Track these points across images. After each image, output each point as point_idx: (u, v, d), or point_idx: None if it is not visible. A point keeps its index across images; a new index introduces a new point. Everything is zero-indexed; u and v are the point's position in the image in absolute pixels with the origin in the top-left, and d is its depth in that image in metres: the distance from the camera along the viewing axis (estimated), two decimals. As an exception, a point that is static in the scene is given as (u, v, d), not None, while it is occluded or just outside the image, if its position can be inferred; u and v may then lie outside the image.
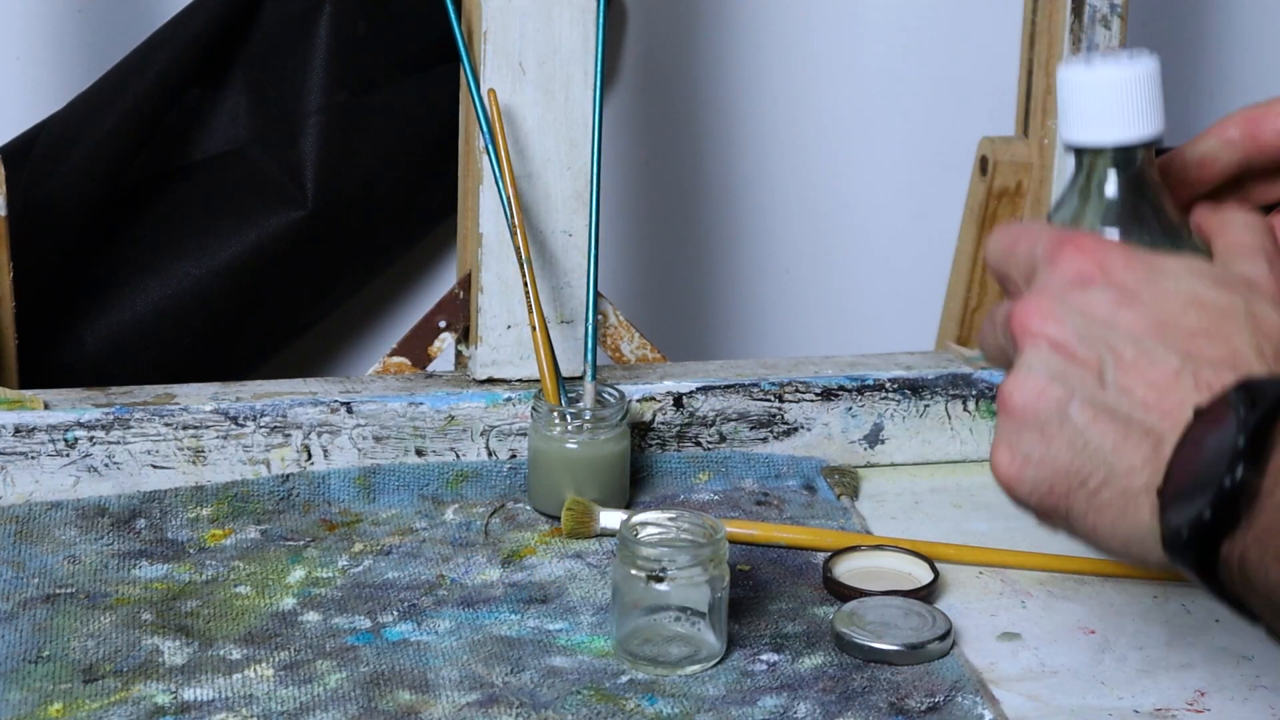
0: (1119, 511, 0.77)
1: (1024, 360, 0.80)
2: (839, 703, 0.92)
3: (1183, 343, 0.78)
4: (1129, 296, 0.79)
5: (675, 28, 1.47)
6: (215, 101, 1.35)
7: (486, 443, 1.15)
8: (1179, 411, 0.76)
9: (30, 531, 1.06)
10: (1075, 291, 0.80)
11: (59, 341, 1.29)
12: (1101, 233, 0.86)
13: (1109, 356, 0.78)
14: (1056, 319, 0.80)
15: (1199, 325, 0.78)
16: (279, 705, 0.90)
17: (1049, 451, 0.79)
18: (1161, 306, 0.79)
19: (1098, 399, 0.78)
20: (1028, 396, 0.80)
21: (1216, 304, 0.79)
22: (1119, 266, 0.80)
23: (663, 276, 1.52)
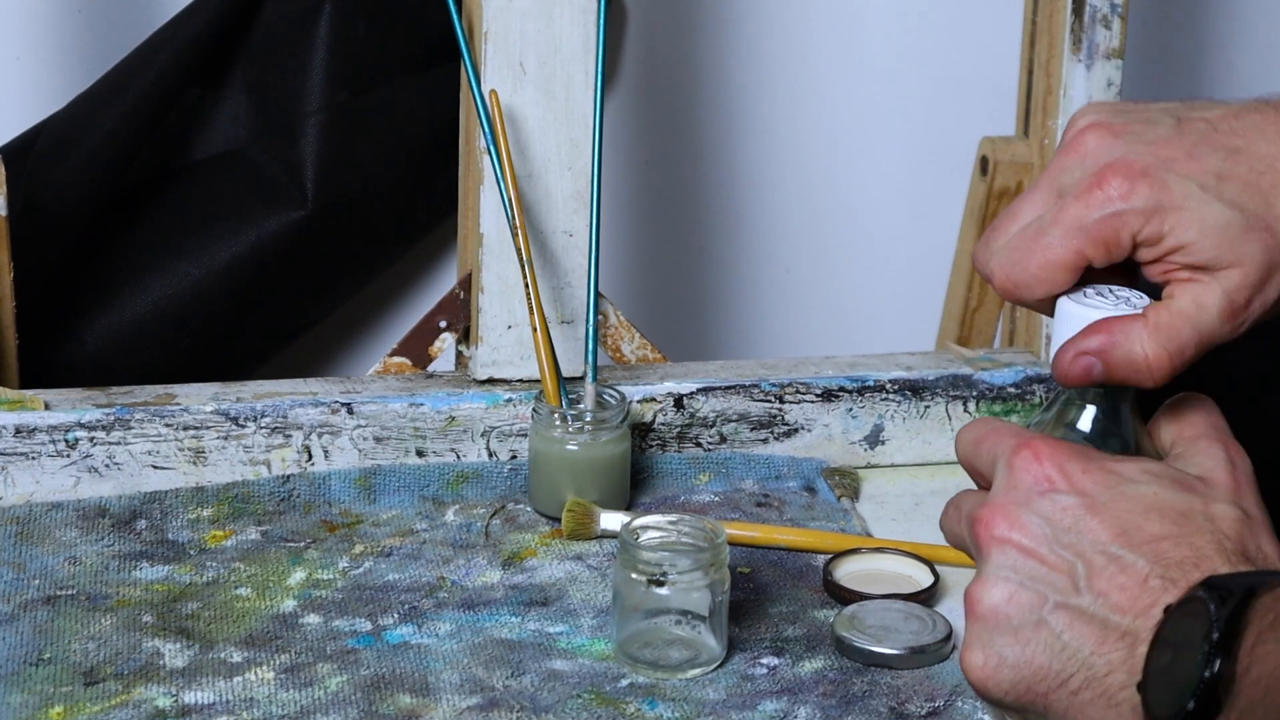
0: (1100, 710, 0.79)
1: (991, 565, 0.82)
2: (839, 707, 0.92)
3: (1149, 547, 0.80)
4: (1091, 504, 0.81)
5: (675, 28, 1.47)
6: (215, 101, 1.35)
7: (487, 443, 1.15)
8: (1152, 611, 0.78)
9: (31, 532, 1.06)
10: (1038, 498, 0.82)
11: (59, 341, 1.29)
12: None
13: (1079, 563, 0.80)
14: (1022, 525, 0.82)
15: (1162, 530, 0.80)
16: (279, 708, 0.90)
17: (1025, 654, 0.81)
18: (1124, 513, 0.81)
19: (1073, 603, 0.80)
20: (998, 601, 0.81)
21: (1175, 507, 0.81)
22: (1077, 472, 0.82)
23: (663, 276, 1.52)
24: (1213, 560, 0.79)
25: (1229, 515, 0.82)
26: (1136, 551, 0.80)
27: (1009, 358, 1.23)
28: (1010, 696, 0.81)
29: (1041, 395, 1.20)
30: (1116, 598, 0.79)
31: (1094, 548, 0.80)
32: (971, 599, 0.82)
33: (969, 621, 0.82)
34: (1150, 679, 0.77)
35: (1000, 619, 0.81)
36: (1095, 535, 0.81)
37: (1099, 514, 0.81)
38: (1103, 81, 1.21)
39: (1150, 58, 1.54)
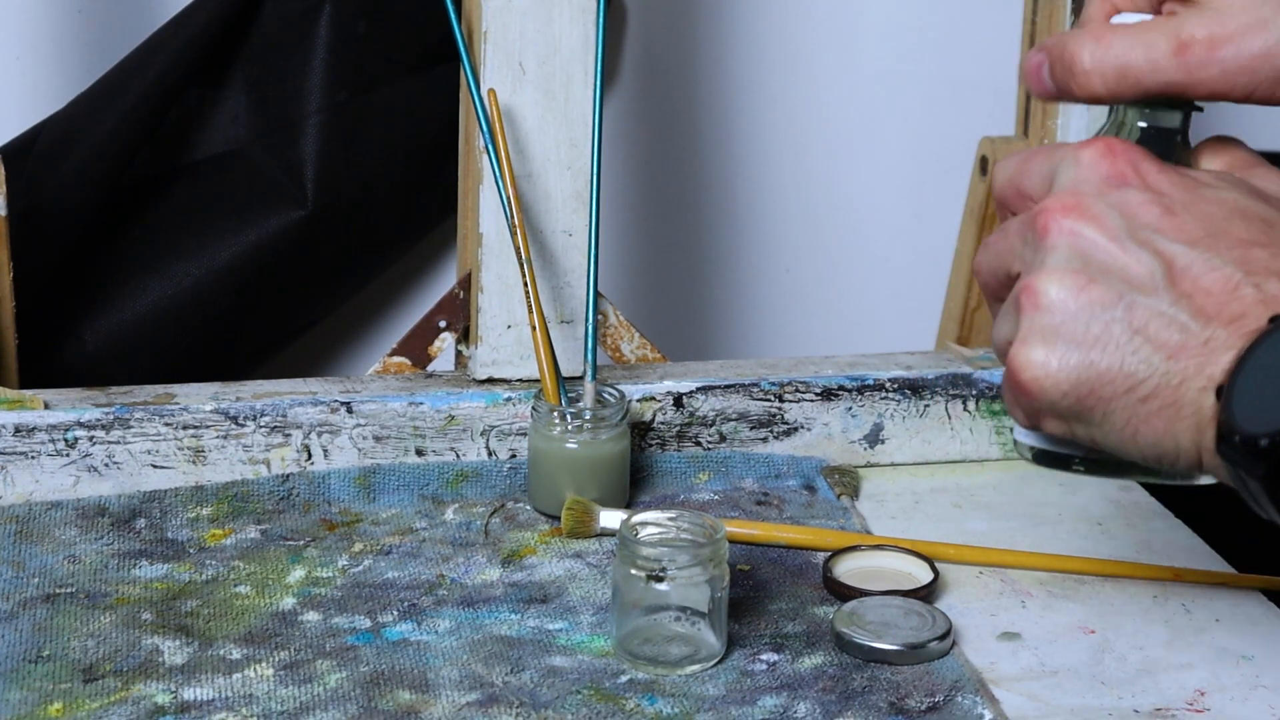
0: (1165, 420, 0.74)
1: (1058, 254, 0.76)
2: (839, 702, 0.92)
3: (1238, 252, 0.74)
4: (1170, 202, 0.76)
5: (675, 28, 1.47)
6: (215, 101, 1.35)
7: (486, 442, 1.15)
8: (1243, 321, 0.73)
9: (30, 531, 1.06)
10: (1111, 190, 0.76)
11: (59, 341, 1.29)
12: None
13: (1158, 262, 0.75)
14: (1095, 215, 0.76)
15: (1250, 235, 0.75)
16: (279, 705, 0.90)
17: (1093, 354, 0.75)
18: (1207, 215, 0.75)
19: (1151, 304, 0.74)
20: (1067, 291, 0.75)
21: (1261, 215, 0.76)
22: (1154, 171, 0.77)
23: (663, 276, 1.52)
24: None
25: None
26: (1224, 256, 0.74)
27: (1009, 357, 1.23)
28: (1068, 400, 0.76)
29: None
30: (1201, 301, 0.73)
31: (1175, 247, 0.74)
32: (1034, 290, 0.76)
33: (1028, 314, 0.76)
34: (1238, 387, 0.71)
35: (1068, 313, 0.75)
36: (1177, 233, 0.75)
37: (1180, 213, 0.75)
38: (1102, 81, 1.21)
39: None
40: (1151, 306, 0.74)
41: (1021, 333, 0.76)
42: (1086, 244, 0.76)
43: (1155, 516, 1.14)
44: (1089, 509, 1.15)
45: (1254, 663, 0.97)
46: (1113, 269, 0.75)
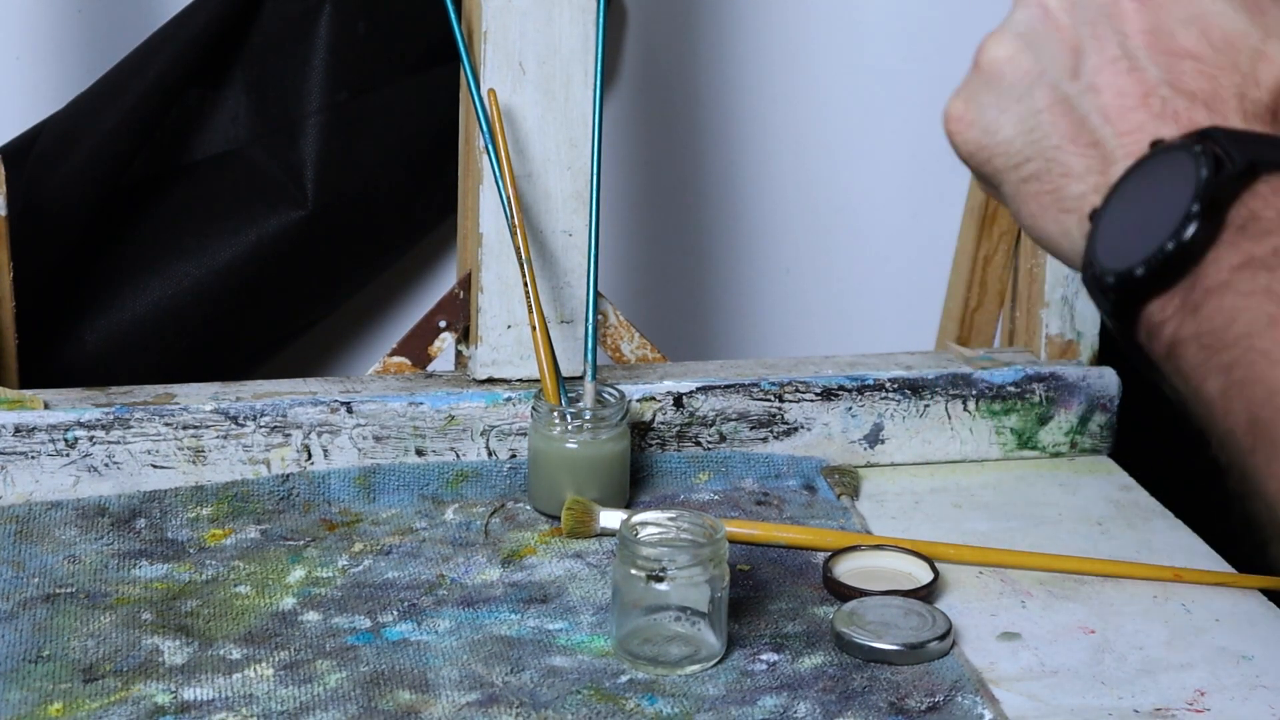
0: (1044, 208, 0.74)
1: (1014, 17, 0.76)
2: (839, 702, 0.92)
3: (1168, 60, 0.73)
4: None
5: (675, 28, 1.47)
6: (215, 101, 1.35)
7: (486, 442, 1.15)
8: (1136, 134, 0.72)
9: (30, 531, 1.06)
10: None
11: (59, 341, 1.29)
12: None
13: (1092, 44, 0.74)
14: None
15: (1194, 46, 0.73)
16: (279, 705, 0.90)
17: (998, 120, 0.75)
18: (1165, 12, 0.74)
19: (1063, 86, 0.74)
20: (998, 57, 0.76)
21: (1226, 29, 0.74)
22: None
23: (663, 276, 1.52)
24: (1228, 106, 0.72)
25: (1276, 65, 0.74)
26: (1154, 59, 0.73)
27: (1009, 357, 1.23)
28: (973, 161, 0.77)
29: (1041, 395, 1.20)
30: (1107, 98, 0.73)
31: (1114, 34, 0.73)
32: (981, 45, 0.76)
33: (972, 67, 0.77)
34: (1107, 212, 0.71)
35: (992, 76, 0.75)
36: (1124, 21, 0.74)
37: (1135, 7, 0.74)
38: (1102, 81, 1.21)
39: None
40: (1062, 90, 0.74)
41: (961, 86, 0.77)
42: (1041, 14, 0.75)
43: (1155, 516, 1.14)
44: (1089, 509, 1.15)
45: (1254, 663, 0.97)
46: (1049, 44, 0.75)
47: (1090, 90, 0.73)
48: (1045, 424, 1.21)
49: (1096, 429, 1.21)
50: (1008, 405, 1.20)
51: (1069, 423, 1.21)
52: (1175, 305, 0.68)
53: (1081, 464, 1.21)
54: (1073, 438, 1.21)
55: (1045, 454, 1.21)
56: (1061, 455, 1.21)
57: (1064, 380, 1.20)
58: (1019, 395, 1.20)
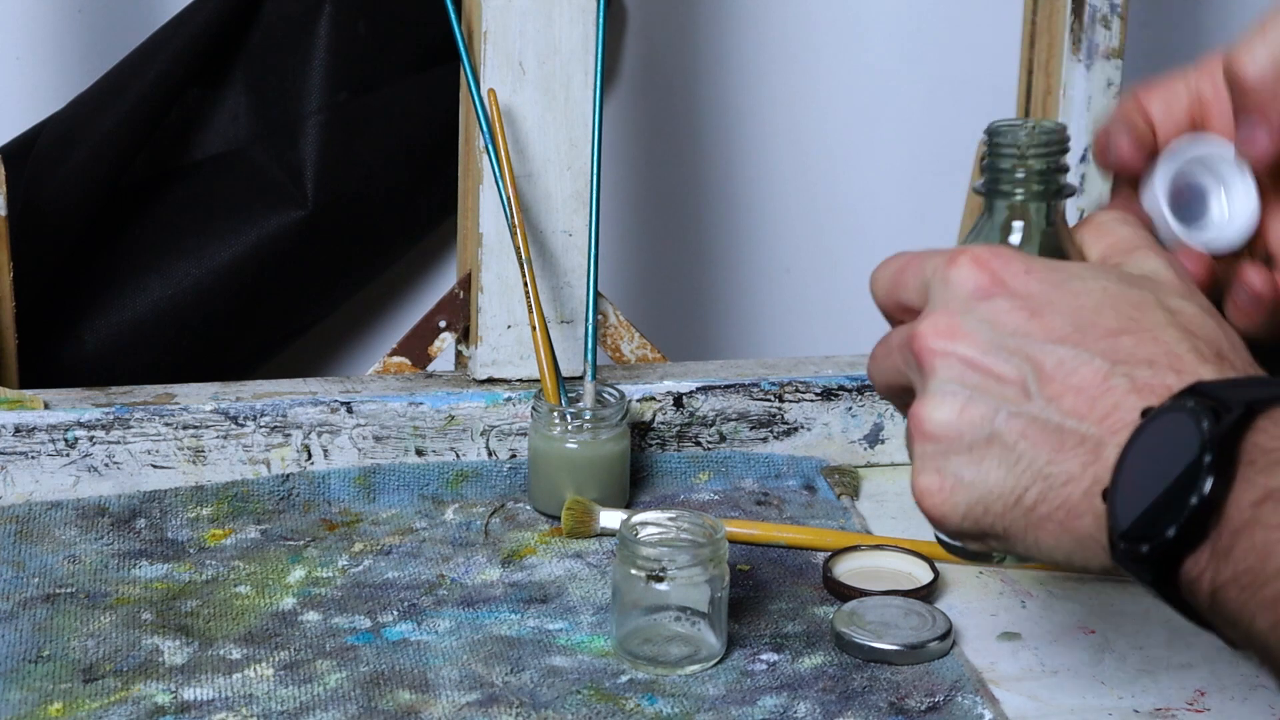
0: (1060, 524, 0.75)
1: (936, 380, 0.77)
2: (839, 702, 0.92)
3: (1106, 343, 0.74)
4: (1036, 303, 0.76)
5: (675, 28, 1.47)
6: (215, 101, 1.35)
7: (486, 442, 1.15)
8: (1116, 415, 0.73)
9: (30, 531, 1.06)
10: (979, 303, 0.77)
11: (59, 341, 1.29)
12: None
13: (1028, 367, 0.75)
14: (965, 334, 0.76)
15: (1118, 324, 0.75)
16: (279, 705, 0.90)
17: (980, 471, 0.76)
18: (1074, 309, 0.76)
19: (1025, 411, 0.75)
20: (948, 417, 0.76)
21: (1130, 300, 0.76)
22: (1019, 273, 0.77)
23: (663, 276, 1.52)
24: (1187, 361, 0.73)
25: (1190, 309, 0.76)
26: (1091, 349, 0.74)
27: (1009, 357, 1.23)
28: (968, 521, 0.77)
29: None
30: (1072, 400, 0.74)
31: (1044, 348, 0.75)
32: (918, 418, 0.76)
33: (917, 443, 0.77)
34: (1120, 489, 0.71)
35: (951, 437, 0.76)
36: (1044, 334, 0.75)
37: (1047, 313, 0.75)
38: (1102, 81, 1.21)
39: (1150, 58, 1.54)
40: (1026, 413, 0.75)
41: (916, 462, 0.78)
42: (961, 364, 0.76)
43: (1155, 516, 1.14)
44: (1089, 509, 1.14)
45: (1254, 662, 0.97)
46: (988, 383, 0.76)
47: (1052, 401, 0.74)
48: (1045, 424, 1.21)
49: (1096, 429, 1.21)
50: (1008, 405, 1.20)
51: (1069, 423, 1.21)
52: (1207, 556, 0.69)
53: (1081, 464, 1.21)
54: (1073, 438, 1.21)
55: (1045, 454, 1.21)
56: (1061, 455, 1.21)
57: (1064, 380, 1.20)
58: (1019, 395, 1.20)
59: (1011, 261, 0.77)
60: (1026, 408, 0.75)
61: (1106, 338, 0.75)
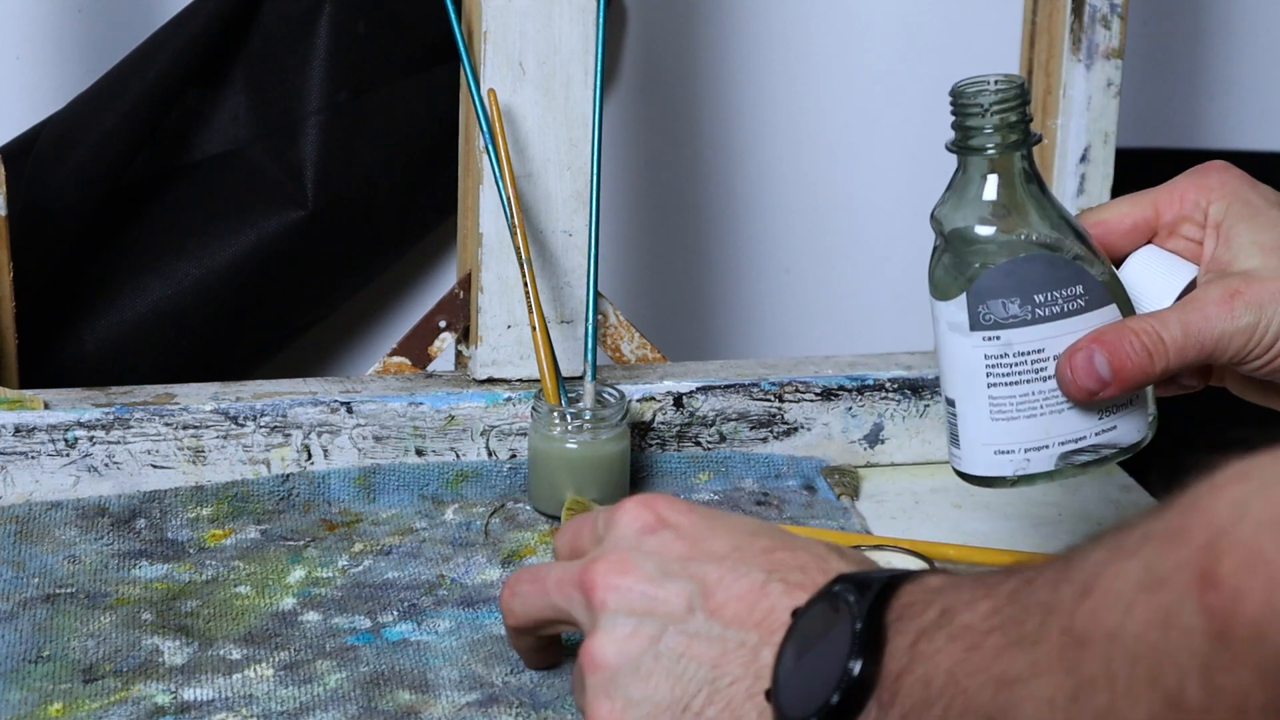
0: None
1: (607, 614, 0.80)
2: (839, 703, 0.92)
3: (763, 558, 0.79)
4: (698, 532, 0.81)
5: (675, 28, 1.47)
6: (215, 101, 1.35)
7: (486, 443, 1.15)
8: (773, 616, 0.77)
9: (30, 531, 1.06)
10: (646, 538, 0.82)
11: (59, 341, 1.29)
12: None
13: (693, 585, 0.79)
14: (633, 566, 0.81)
15: (772, 544, 0.80)
16: (279, 705, 0.90)
17: (648, 688, 0.79)
18: (731, 533, 0.81)
19: (690, 628, 0.79)
20: (618, 645, 0.80)
21: (781, 532, 0.82)
22: (682, 510, 0.83)
23: (663, 276, 1.52)
24: (834, 564, 0.79)
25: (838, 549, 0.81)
26: (750, 563, 0.79)
27: (1009, 357, 1.23)
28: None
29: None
30: (733, 609, 0.78)
31: (706, 567, 0.80)
32: (590, 653, 0.80)
33: (589, 675, 0.80)
34: (781, 681, 0.75)
35: (621, 663, 0.79)
36: (707, 556, 0.80)
37: (708, 538, 0.81)
38: (1102, 81, 1.21)
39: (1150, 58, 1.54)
40: (690, 629, 0.79)
41: (588, 693, 0.81)
42: (628, 594, 0.80)
43: (1155, 516, 1.14)
44: (1089, 509, 1.14)
45: None
46: (655, 608, 0.80)
47: (714, 613, 0.79)
48: (1045, 424, 1.21)
49: (1096, 429, 1.21)
50: (1008, 405, 1.20)
51: (1069, 423, 1.21)
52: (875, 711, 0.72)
53: (1081, 464, 1.21)
54: (1073, 438, 1.21)
55: (1045, 454, 1.21)
56: (1061, 455, 1.21)
57: (1064, 380, 1.20)
58: (1019, 395, 1.20)
59: (674, 503, 0.83)
60: (690, 625, 0.79)
61: (763, 554, 0.80)
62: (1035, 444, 0.94)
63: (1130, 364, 0.91)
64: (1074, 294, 0.93)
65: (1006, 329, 0.93)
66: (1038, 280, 0.92)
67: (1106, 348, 0.92)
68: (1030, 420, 0.94)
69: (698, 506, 0.84)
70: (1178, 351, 0.92)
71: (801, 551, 0.80)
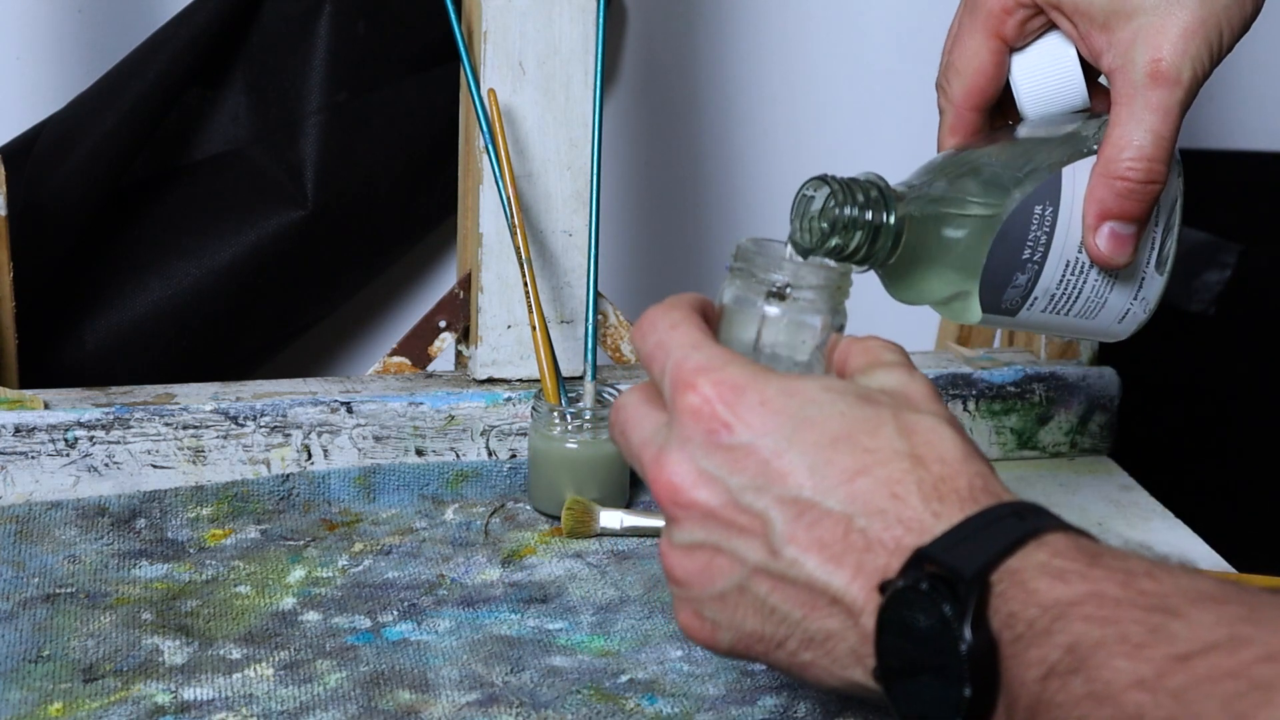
0: (825, 670, 0.76)
1: (680, 531, 0.77)
2: (839, 702, 0.92)
3: (843, 489, 0.74)
4: (774, 445, 0.75)
5: (675, 28, 1.47)
6: (215, 101, 1.35)
7: (486, 442, 1.15)
8: (862, 576, 0.73)
9: (30, 531, 1.06)
10: (715, 450, 0.76)
11: (59, 341, 1.29)
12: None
13: (771, 515, 0.75)
14: (702, 482, 0.76)
15: (854, 462, 0.74)
16: (279, 705, 0.90)
17: (735, 618, 0.76)
18: (811, 448, 0.75)
19: (771, 567, 0.75)
20: (693, 571, 0.77)
21: (865, 424, 0.75)
22: (754, 406, 0.76)
23: (663, 276, 1.52)
24: (912, 504, 0.73)
25: (922, 424, 0.75)
26: (831, 495, 0.74)
27: (1008, 357, 1.23)
28: (735, 654, 0.78)
29: (1041, 395, 1.20)
30: (815, 557, 0.74)
31: (783, 497, 0.75)
32: (668, 563, 0.77)
33: (670, 584, 0.78)
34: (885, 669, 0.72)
35: (701, 585, 0.76)
36: (784, 483, 0.75)
37: (784, 455, 0.75)
38: (1102, 81, 1.21)
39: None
40: (772, 570, 0.75)
41: (675, 601, 0.79)
42: (702, 516, 0.76)
43: (1155, 516, 1.14)
44: (1089, 509, 1.14)
45: None
46: (730, 539, 0.76)
47: (796, 560, 0.74)
48: (1045, 424, 1.21)
49: (1096, 429, 1.21)
50: (1007, 405, 1.20)
51: (1069, 423, 1.21)
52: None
53: (1081, 464, 1.21)
54: (1073, 438, 1.21)
55: (1045, 454, 1.21)
56: (1061, 455, 1.21)
57: (1064, 380, 1.20)
58: (1019, 395, 1.20)
59: (745, 394, 0.76)
60: (773, 564, 0.75)
61: (844, 481, 0.74)
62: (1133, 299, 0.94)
63: (1138, 202, 0.89)
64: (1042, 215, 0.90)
65: (1029, 289, 0.91)
66: (1013, 248, 0.91)
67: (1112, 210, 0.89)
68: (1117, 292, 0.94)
69: (769, 393, 0.76)
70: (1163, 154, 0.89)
71: (883, 484, 0.73)
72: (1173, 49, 0.88)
